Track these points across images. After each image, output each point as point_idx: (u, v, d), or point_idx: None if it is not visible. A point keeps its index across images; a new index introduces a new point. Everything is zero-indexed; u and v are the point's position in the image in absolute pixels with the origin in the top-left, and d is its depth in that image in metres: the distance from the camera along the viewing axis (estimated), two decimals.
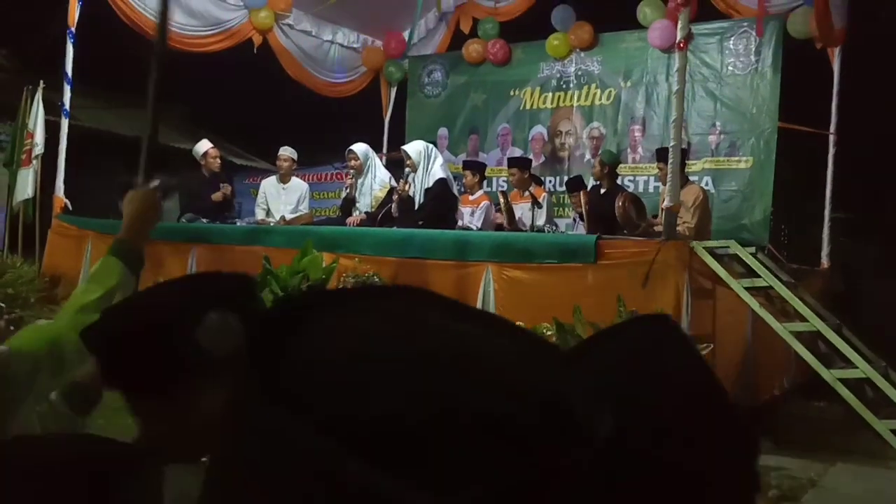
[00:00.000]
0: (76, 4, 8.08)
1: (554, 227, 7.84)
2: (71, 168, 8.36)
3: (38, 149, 8.72)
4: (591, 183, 8.14)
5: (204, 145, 8.38)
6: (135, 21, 8.30)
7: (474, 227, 7.41)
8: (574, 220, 7.94)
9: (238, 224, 8.03)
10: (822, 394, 5.59)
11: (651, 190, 8.44)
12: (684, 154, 6.56)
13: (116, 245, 1.62)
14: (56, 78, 8.42)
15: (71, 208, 8.34)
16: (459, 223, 7.36)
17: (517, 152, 9.56)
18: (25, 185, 8.67)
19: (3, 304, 1.63)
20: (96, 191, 11.68)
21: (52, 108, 8.69)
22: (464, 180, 7.84)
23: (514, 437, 0.34)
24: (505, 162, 9.64)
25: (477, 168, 8.04)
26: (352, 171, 7.64)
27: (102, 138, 12.14)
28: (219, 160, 8.34)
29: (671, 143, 5.99)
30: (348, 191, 7.71)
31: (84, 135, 9.98)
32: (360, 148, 7.59)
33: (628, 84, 8.92)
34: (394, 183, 7.45)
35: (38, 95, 8.80)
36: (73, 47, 8.14)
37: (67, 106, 8.27)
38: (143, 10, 8.30)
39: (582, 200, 7.23)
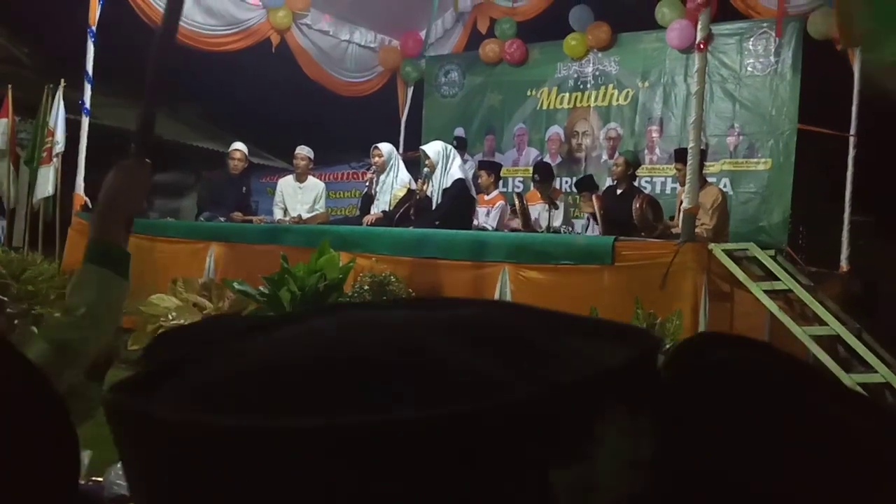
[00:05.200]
0: (97, 3, 8.15)
1: (570, 229, 7.82)
2: (91, 166, 8.43)
3: (59, 147, 8.80)
4: (606, 183, 8.11)
5: (233, 145, 8.42)
6: (154, 20, 8.36)
7: (489, 228, 7.40)
8: (587, 219, 7.89)
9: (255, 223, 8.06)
10: None
11: (668, 191, 8.40)
12: (702, 155, 6.52)
13: (90, 248, 1.34)
14: (77, 76, 8.50)
15: (91, 206, 8.41)
16: (475, 223, 7.37)
17: (533, 153, 9.55)
18: (46, 183, 8.75)
19: (4, 298, 1.62)
20: None
21: (73, 107, 8.76)
22: (479, 180, 7.83)
23: None
24: (521, 162, 9.65)
25: (492, 168, 8.03)
26: (374, 166, 7.68)
27: (122, 136, 12.23)
28: (241, 164, 8.30)
29: (690, 145, 5.96)
30: (368, 186, 7.75)
31: (104, 133, 10.05)
32: (385, 146, 7.71)
33: (646, 84, 8.88)
34: (413, 186, 7.46)
35: (59, 94, 8.88)
36: (94, 46, 8.21)
37: (88, 104, 8.35)
38: (163, 9, 8.36)
39: (595, 205, 7.18)
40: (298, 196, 8.23)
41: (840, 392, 0.42)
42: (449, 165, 7.10)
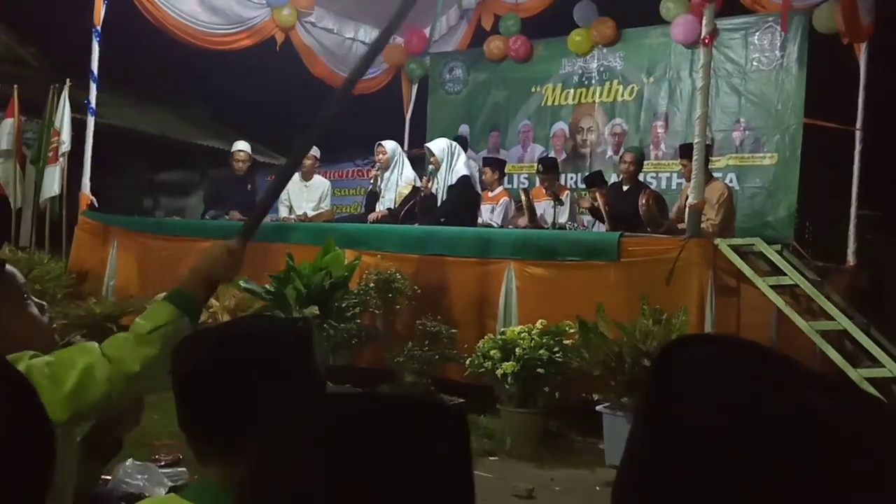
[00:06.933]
0: (102, 3, 8.16)
1: (576, 225, 7.80)
2: (97, 165, 8.46)
3: (65, 146, 8.82)
4: (611, 179, 8.10)
5: (235, 146, 8.47)
6: (159, 19, 8.37)
7: (494, 224, 7.40)
8: (593, 218, 7.85)
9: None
10: None
11: (674, 187, 8.38)
12: (708, 150, 6.49)
13: (177, 293, 1.64)
14: (82, 76, 8.52)
15: (97, 205, 8.44)
16: (480, 220, 7.37)
17: (539, 149, 9.54)
18: (52, 183, 8.78)
19: (44, 303, 1.68)
20: (122, 188, 11.80)
21: (79, 106, 8.78)
22: (483, 177, 7.82)
23: None
24: (526, 158, 9.65)
25: (496, 165, 8.02)
26: (378, 164, 7.69)
27: (128, 136, 12.27)
28: (245, 164, 8.34)
29: (695, 140, 5.95)
30: (373, 183, 7.76)
31: (110, 132, 10.07)
32: (390, 143, 7.75)
33: (651, 80, 8.85)
34: (418, 183, 7.47)
35: (65, 93, 8.90)
36: (99, 46, 8.23)
37: (93, 104, 8.36)
38: (168, 8, 8.37)
39: (600, 202, 7.14)
40: (304, 194, 8.24)
41: (813, 377, 0.46)
42: (454, 162, 7.10)
